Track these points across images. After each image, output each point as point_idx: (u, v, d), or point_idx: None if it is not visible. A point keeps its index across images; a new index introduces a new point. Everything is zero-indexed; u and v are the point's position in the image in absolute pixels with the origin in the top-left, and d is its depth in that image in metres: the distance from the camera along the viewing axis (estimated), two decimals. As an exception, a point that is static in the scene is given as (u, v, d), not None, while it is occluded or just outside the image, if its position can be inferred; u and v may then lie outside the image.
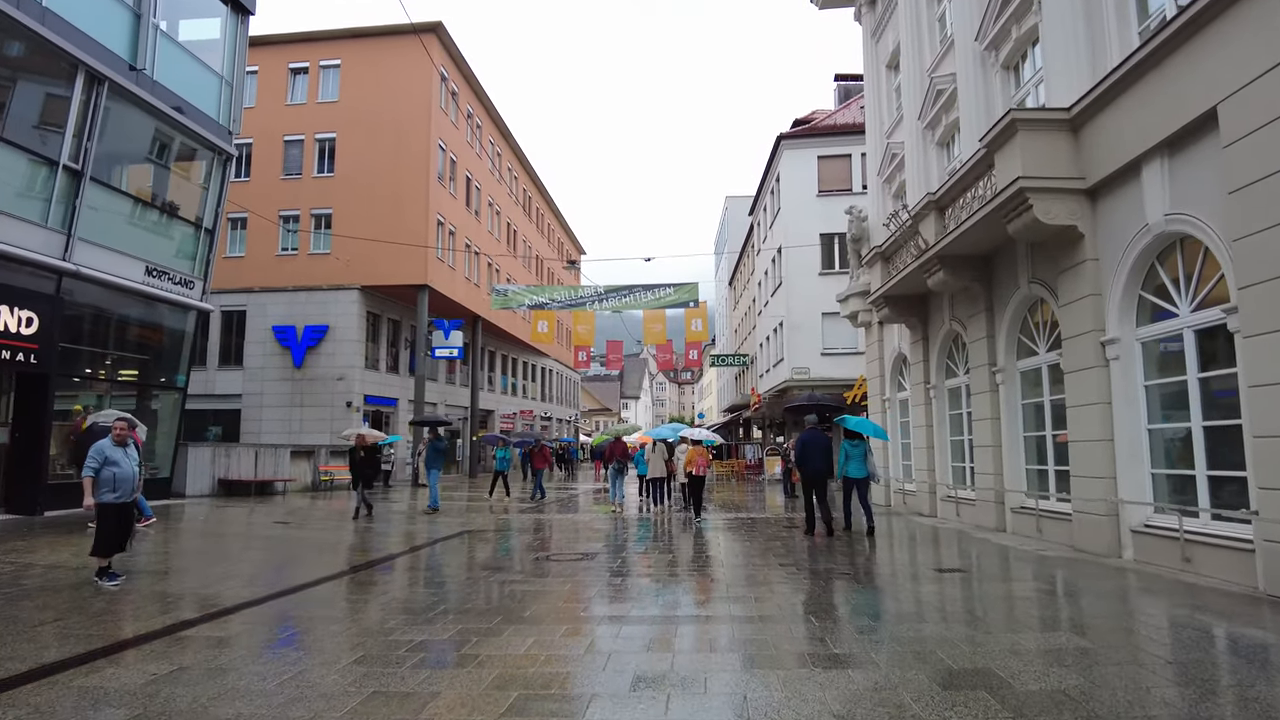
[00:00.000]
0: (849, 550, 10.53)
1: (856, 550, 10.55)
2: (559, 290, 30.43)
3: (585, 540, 11.86)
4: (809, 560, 9.41)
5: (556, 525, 14.17)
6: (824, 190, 29.53)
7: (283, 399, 29.91)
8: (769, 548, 10.74)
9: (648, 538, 12.28)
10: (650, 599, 7.01)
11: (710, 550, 10.59)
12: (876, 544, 11.23)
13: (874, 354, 18.35)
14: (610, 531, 13.10)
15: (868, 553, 10.34)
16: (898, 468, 17.41)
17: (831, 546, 10.81)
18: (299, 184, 31.19)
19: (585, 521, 14.95)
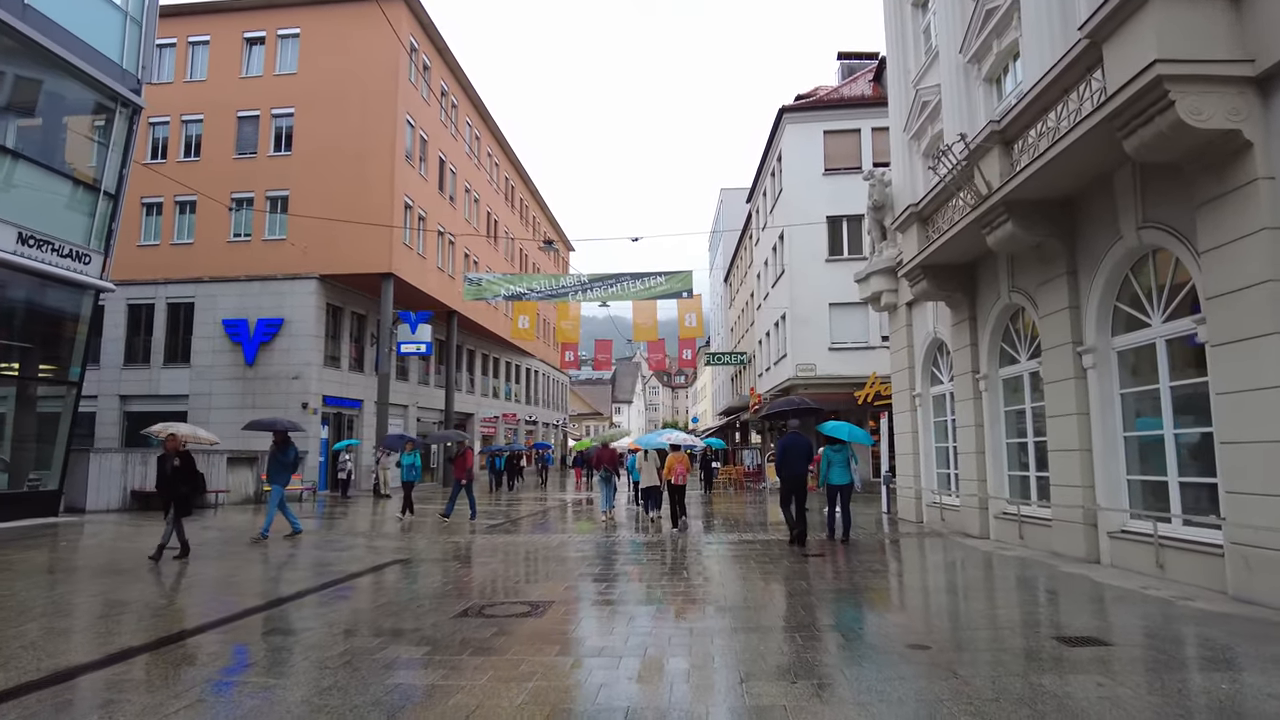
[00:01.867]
0: (907, 593, 7.68)
1: (921, 595, 7.69)
2: (538, 279, 27.57)
3: (543, 577, 8.98)
4: (858, 618, 6.55)
5: (509, 553, 11.27)
6: (831, 168, 26.80)
7: (233, 400, 26.95)
8: (793, 591, 7.84)
9: (626, 573, 9.40)
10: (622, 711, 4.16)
11: (712, 596, 7.71)
12: (943, 590, 8.41)
13: (901, 341, 15.55)
14: (580, 559, 10.23)
15: (943, 605, 7.49)
16: (930, 477, 14.59)
17: (886, 592, 7.95)
18: (253, 164, 28.31)
19: (551, 546, 12.03)
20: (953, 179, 10.06)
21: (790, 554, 10.58)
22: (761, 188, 32.75)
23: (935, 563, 10.05)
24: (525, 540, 12.58)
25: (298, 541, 12.46)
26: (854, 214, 26.25)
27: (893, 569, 9.58)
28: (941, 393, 14.20)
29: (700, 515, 17.45)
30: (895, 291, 15.72)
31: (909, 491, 15.02)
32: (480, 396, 41.55)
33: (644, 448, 16.96)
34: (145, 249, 28.37)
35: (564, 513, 18.97)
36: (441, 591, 7.88)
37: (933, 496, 14.43)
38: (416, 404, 33.83)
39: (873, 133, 26.63)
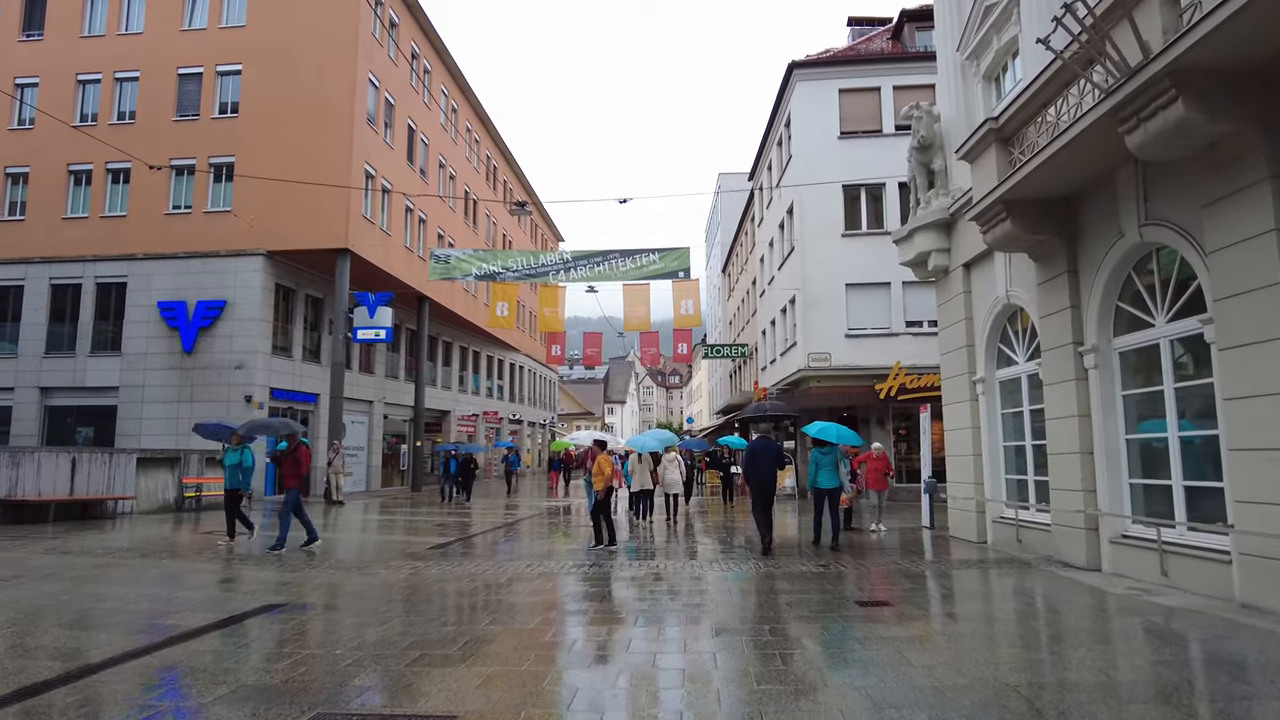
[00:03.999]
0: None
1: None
2: (515, 256, 24.40)
3: (463, 650, 5.75)
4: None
5: (431, 597, 8.08)
6: (847, 131, 23.67)
7: (169, 392, 23.68)
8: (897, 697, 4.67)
9: (599, 640, 6.21)
10: None
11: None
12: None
13: (955, 314, 12.40)
14: (533, 608, 7.03)
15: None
16: (997, 484, 11.44)
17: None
18: (195, 127, 25.04)
19: (498, 584, 8.83)
20: (1081, 51, 6.89)
21: (840, 604, 7.38)
22: (766, 160, 29.60)
23: (1058, 627, 6.87)
24: (462, 573, 9.36)
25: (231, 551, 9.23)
26: (874, 181, 23.19)
27: (1000, 641, 6.40)
28: (1015, 376, 11.05)
29: (695, 531, 14.28)
30: (947, 252, 12.58)
31: (966, 503, 11.88)
32: (458, 393, 38.28)
33: (637, 449, 16.01)
34: (72, 222, 25.08)
35: (531, 528, 15.76)
36: (285, 683, 4.68)
37: (1001, 510, 11.29)
38: (383, 399, 30.57)
39: (894, 91, 23.53)
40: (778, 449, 11.57)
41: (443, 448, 27.35)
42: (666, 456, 16.47)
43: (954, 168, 12.50)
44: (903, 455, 22.98)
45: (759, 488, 11.12)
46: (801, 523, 14.99)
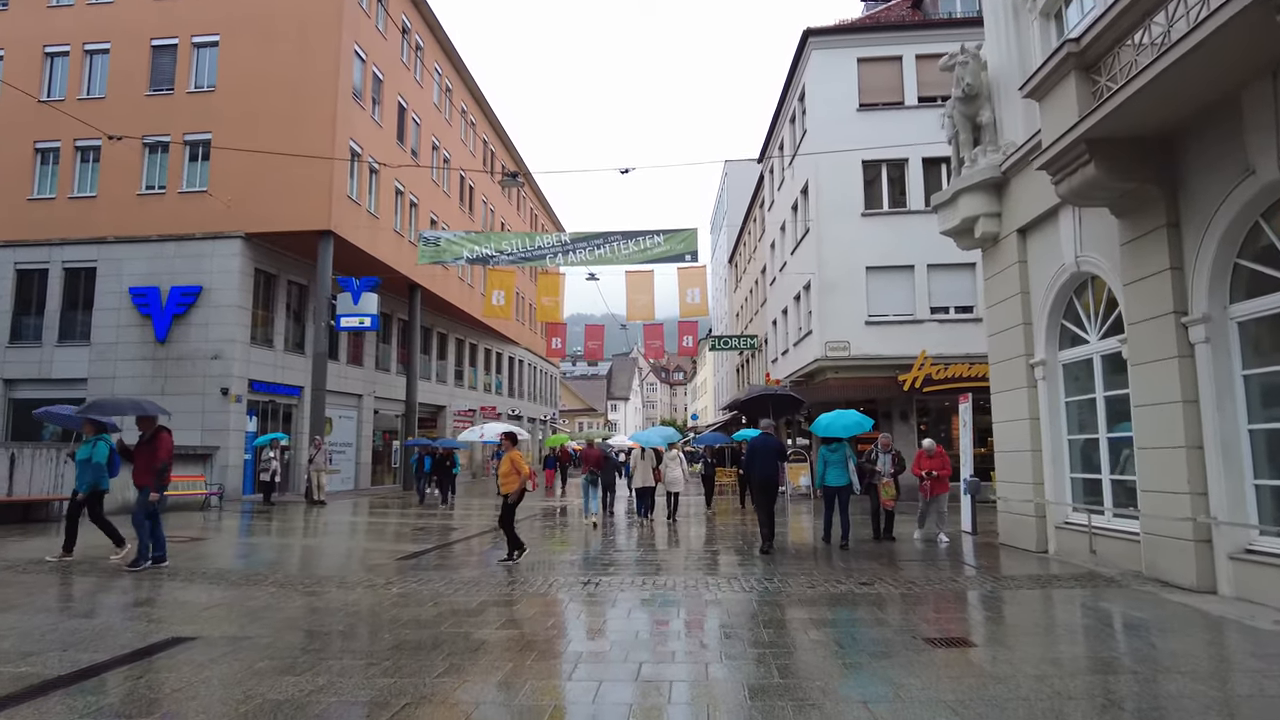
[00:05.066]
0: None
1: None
2: (510, 238, 22.75)
3: (396, 713, 4.14)
4: None
5: (381, 626, 6.48)
6: (867, 104, 21.99)
7: (141, 384, 22.09)
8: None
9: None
10: None
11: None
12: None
13: (1007, 287, 10.75)
14: (505, 650, 5.40)
15: None
16: (1061, 485, 9.78)
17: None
18: (170, 101, 23.45)
19: (466, 611, 7.23)
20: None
21: (902, 643, 5.75)
22: (778, 139, 27.91)
23: (1228, 688, 5.19)
24: (428, 594, 7.76)
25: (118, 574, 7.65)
26: (896, 158, 21.52)
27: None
28: (1084, 357, 9.39)
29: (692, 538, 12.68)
30: (997, 216, 10.92)
31: (1023, 505, 10.23)
32: (454, 387, 36.69)
33: (640, 445, 15.52)
34: (38, 203, 23.53)
35: (522, 534, 14.13)
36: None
37: (1066, 514, 9.64)
38: (373, 393, 28.99)
39: (917, 61, 21.84)
40: (780, 445, 11.41)
41: (415, 443, 25.17)
42: (669, 454, 15.82)
43: (1005, 119, 10.85)
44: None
45: (761, 486, 10.89)
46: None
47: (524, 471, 9.53)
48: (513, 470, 9.55)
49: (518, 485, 9.49)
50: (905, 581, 7.97)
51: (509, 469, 9.58)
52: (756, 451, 11.06)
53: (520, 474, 9.52)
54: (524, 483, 9.56)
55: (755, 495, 11.12)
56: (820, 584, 7.85)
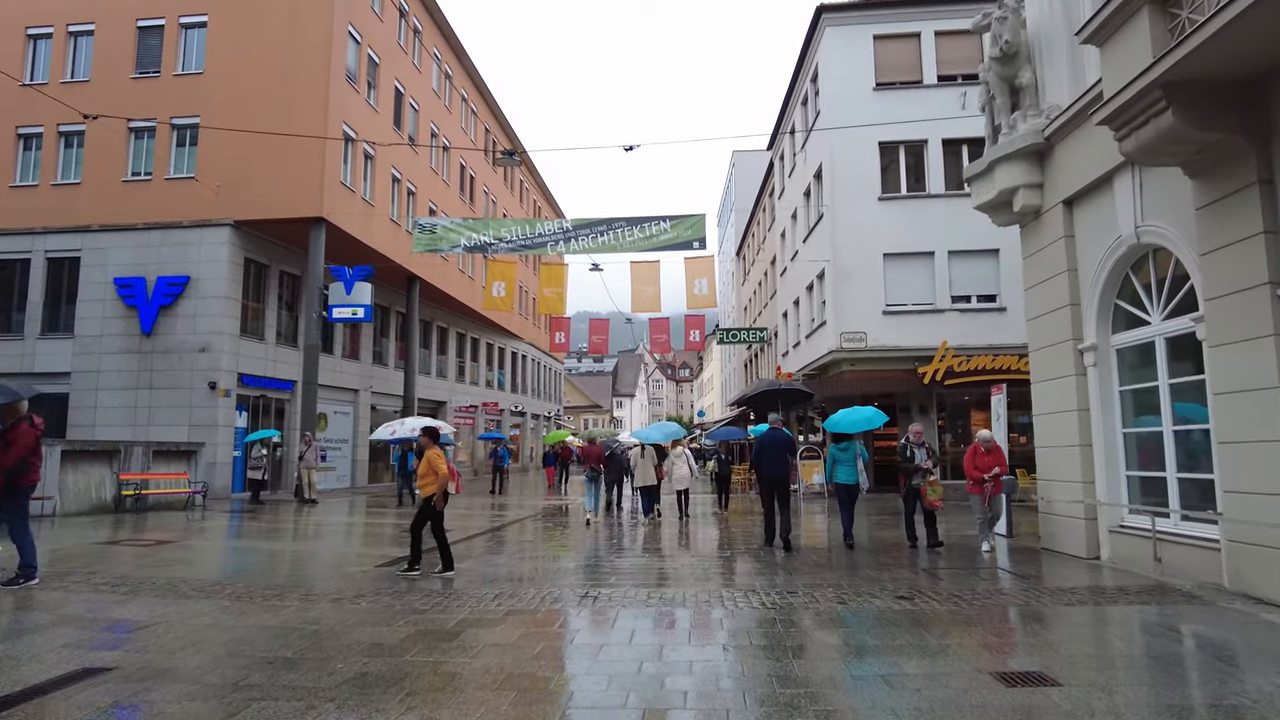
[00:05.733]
0: None
1: None
2: (509, 225, 21.75)
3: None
4: None
5: (324, 656, 5.51)
6: (884, 83, 20.93)
7: (127, 379, 21.28)
8: None
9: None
10: None
11: None
12: None
13: (1051, 265, 9.71)
14: (472, 686, 4.41)
15: None
16: (1115, 484, 8.75)
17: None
18: (156, 84, 22.56)
19: (440, 632, 6.27)
20: None
21: (974, 684, 4.74)
22: (789, 123, 26.83)
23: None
24: (401, 608, 6.82)
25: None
26: (915, 139, 20.43)
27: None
28: (1144, 340, 8.35)
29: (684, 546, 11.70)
30: (1039, 188, 9.87)
31: (1070, 507, 9.20)
32: (454, 382, 35.75)
33: (641, 443, 15.11)
34: (20, 190, 22.69)
35: (518, 537, 13.22)
36: None
37: (1121, 517, 8.61)
38: (370, 388, 28.07)
39: (937, 38, 20.79)
40: (789, 440, 11.00)
41: (394, 440, 22.85)
42: (674, 452, 15.31)
43: (1048, 80, 9.80)
44: (946, 448, 20.25)
45: (770, 483, 10.60)
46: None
47: (441, 472, 8.27)
48: (430, 471, 8.29)
49: (436, 488, 8.27)
50: (949, 595, 6.96)
51: (426, 470, 8.33)
52: (765, 447, 10.74)
53: (438, 475, 8.26)
54: (444, 485, 8.30)
55: (763, 491, 10.84)
56: (851, 598, 6.85)
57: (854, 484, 10.82)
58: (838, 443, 11.14)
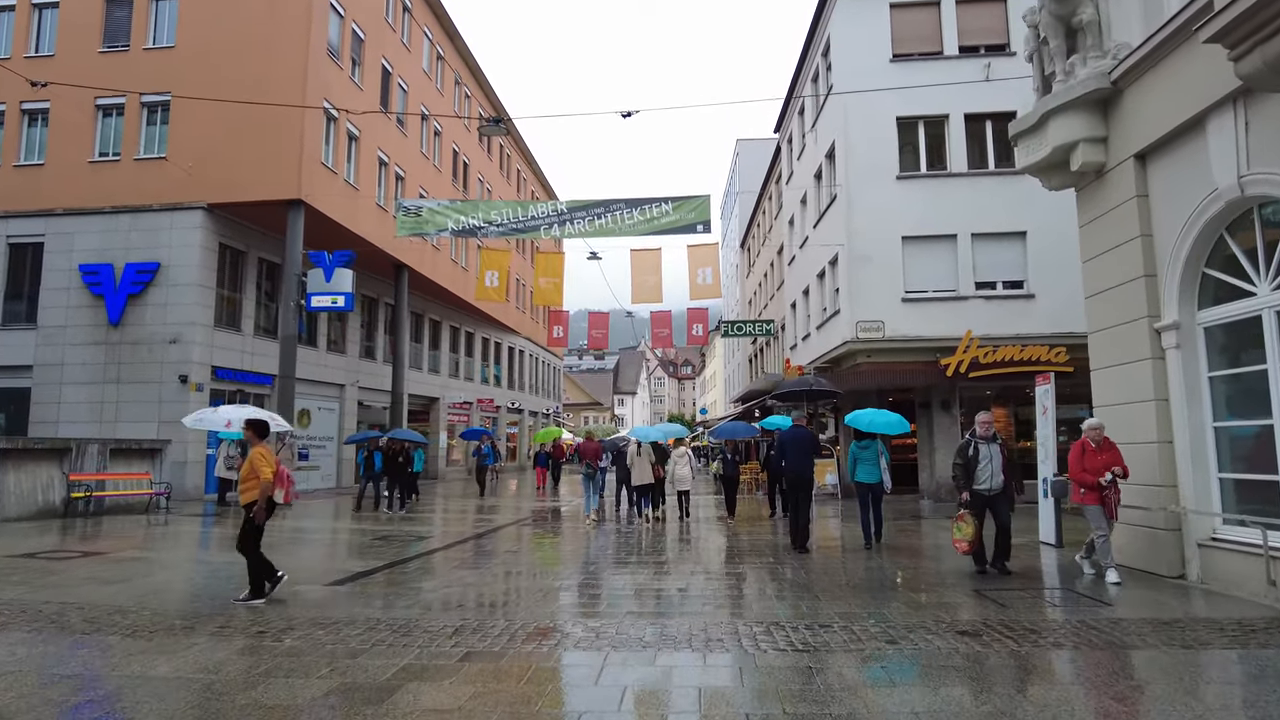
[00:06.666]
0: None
1: None
2: (500, 207, 20.34)
3: None
4: None
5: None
6: (901, 54, 19.47)
7: (93, 372, 19.93)
8: None
9: None
10: None
11: None
12: None
13: (1118, 230, 8.27)
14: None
15: None
16: (1204, 489, 7.34)
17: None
18: (125, 59, 21.18)
19: (373, 681, 4.82)
20: None
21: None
22: (798, 103, 25.37)
23: None
24: (331, 651, 5.44)
25: None
26: (935, 114, 18.99)
27: None
28: (1245, 314, 6.92)
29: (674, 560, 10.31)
30: (1102, 142, 8.44)
31: (1147, 515, 7.77)
32: (448, 377, 34.35)
33: (637, 440, 14.77)
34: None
35: (502, 547, 11.85)
36: None
37: (1214, 527, 7.19)
38: (356, 383, 26.70)
39: (958, 5, 19.34)
40: (812, 437, 10.81)
41: (357, 437, 21.17)
42: (676, 451, 14.84)
43: (1114, 14, 8.37)
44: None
45: (793, 482, 10.34)
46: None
47: (264, 476, 6.68)
48: (251, 474, 6.74)
49: (257, 495, 6.71)
50: (1021, 630, 5.56)
51: (248, 473, 6.78)
52: (788, 444, 10.43)
53: (259, 478, 6.68)
54: (268, 491, 6.71)
55: (786, 493, 10.44)
56: (901, 634, 5.44)
57: (877, 483, 10.46)
58: (859, 440, 10.75)
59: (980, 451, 8.11)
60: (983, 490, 8.05)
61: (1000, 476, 8.04)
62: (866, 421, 10.93)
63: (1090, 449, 7.53)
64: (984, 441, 8.16)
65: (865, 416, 11.13)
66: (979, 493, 8.06)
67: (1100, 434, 7.57)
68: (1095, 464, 7.44)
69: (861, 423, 10.93)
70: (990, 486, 8.02)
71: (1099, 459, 7.45)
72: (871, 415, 11.17)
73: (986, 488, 8.04)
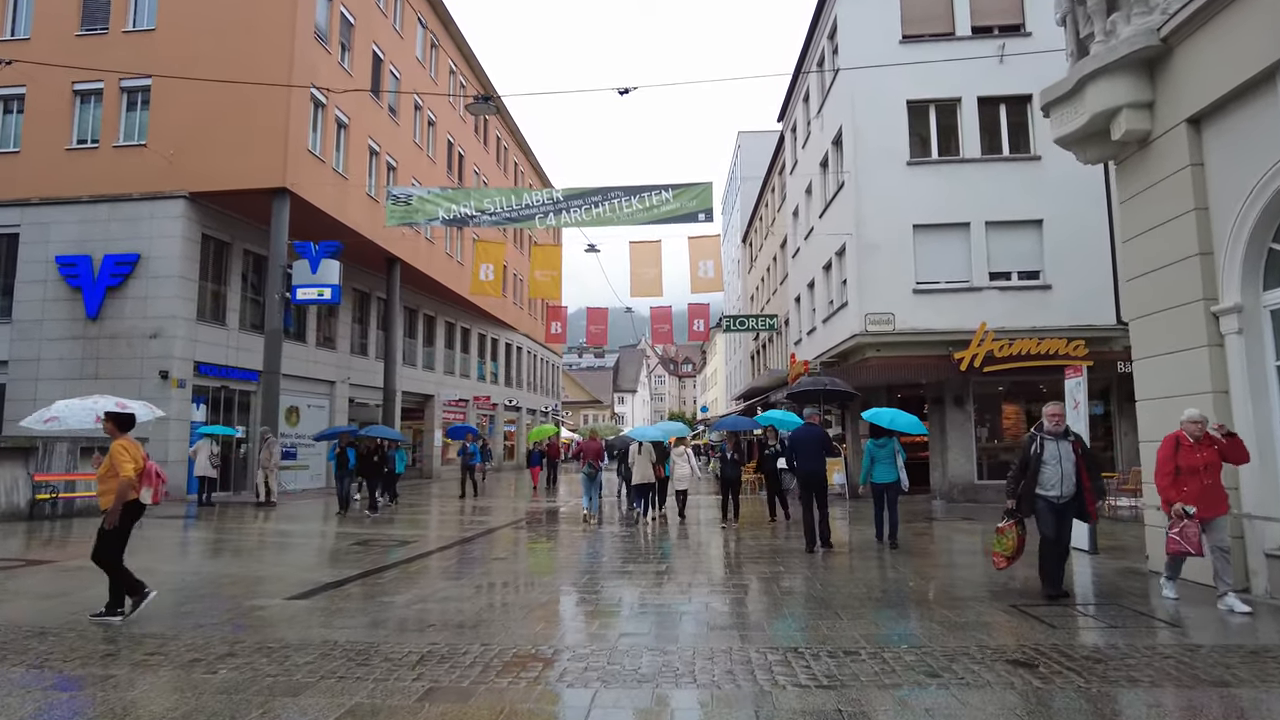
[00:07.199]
0: None
1: None
2: (493, 195, 19.53)
3: None
4: None
5: None
6: (911, 35, 18.65)
7: (70, 367, 19.14)
8: None
9: None
10: None
11: None
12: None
13: (1167, 204, 7.45)
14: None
15: None
16: (1272, 493, 6.53)
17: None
18: (104, 43, 20.35)
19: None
20: None
21: None
22: (802, 90, 24.54)
23: None
24: (266, 680, 4.62)
25: None
26: (947, 97, 18.19)
27: None
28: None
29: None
30: (1148, 108, 7.63)
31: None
32: (443, 374, 33.54)
33: (637, 439, 14.51)
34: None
35: (488, 554, 11.07)
36: None
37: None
38: (348, 380, 25.89)
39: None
40: (824, 435, 10.64)
41: (327, 433, 19.86)
42: (675, 450, 14.53)
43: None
44: (984, 444, 18.06)
45: (806, 481, 10.10)
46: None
47: (124, 472, 5.75)
48: (110, 473, 5.86)
49: (114, 497, 5.81)
50: (1081, 657, 4.76)
51: (106, 470, 5.89)
52: (801, 442, 10.22)
53: (119, 475, 5.77)
54: (125, 492, 5.77)
55: (800, 493, 10.18)
56: (941, 663, 4.64)
57: (894, 482, 10.23)
58: (875, 439, 10.52)
59: (1047, 450, 6.66)
60: (1050, 497, 6.60)
61: (1073, 480, 6.57)
62: (888, 419, 10.71)
63: (1187, 446, 6.19)
64: (1051, 438, 6.70)
65: (887, 414, 10.92)
66: (1047, 500, 6.62)
67: (1201, 427, 6.19)
68: (1192, 462, 6.10)
69: (883, 420, 10.69)
70: (1060, 493, 6.58)
71: (1197, 458, 6.09)
72: (893, 414, 10.98)
73: (1056, 494, 6.59)
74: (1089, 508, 6.70)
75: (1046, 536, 6.65)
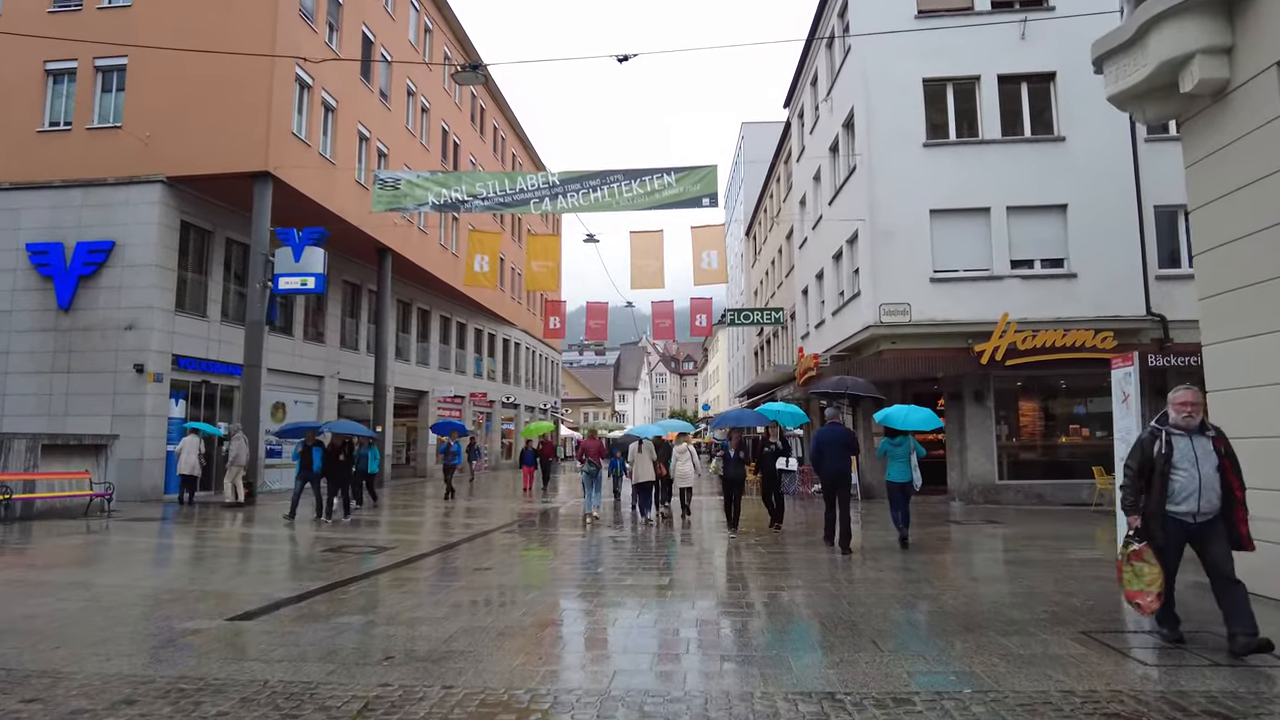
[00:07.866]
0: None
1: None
2: (485, 179, 18.51)
3: None
4: None
5: None
6: (926, 10, 17.62)
7: (41, 361, 18.17)
8: None
9: None
10: None
11: None
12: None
13: (1248, 165, 6.45)
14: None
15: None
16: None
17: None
18: (77, 20, 19.32)
19: None
20: None
21: None
22: (810, 72, 23.49)
23: None
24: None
25: None
26: (965, 75, 17.19)
27: None
28: None
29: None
30: (1225, 53, 6.63)
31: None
32: (438, 370, 32.54)
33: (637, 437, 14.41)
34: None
35: (471, 563, 10.09)
36: None
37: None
38: (337, 375, 24.90)
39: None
40: (848, 435, 10.57)
41: (292, 427, 18.31)
42: (678, 448, 14.10)
43: (1243, -107, 6.55)
44: (1004, 442, 17.06)
45: (830, 482, 10.10)
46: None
47: None
48: None
49: None
50: (1199, 710, 3.77)
51: None
52: (824, 443, 10.11)
53: None
54: None
55: (824, 493, 10.30)
56: (1012, 708, 3.65)
57: (907, 482, 10.04)
58: (890, 437, 10.36)
59: (1176, 450, 4.93)
60: (1182, 515, 4.88)
61: (1215, 491, 4.83)
62: (901, 419, 10.55)
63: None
64: (1181, 434, 4.97)
65: (899, 413, 10.74)
66: (1175, 517, 4.91)
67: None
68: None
69: (895, 420, 10.52)
70: (1196, 509, 4.84)
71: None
72: (906, 412, 10.81)
73: (1188, 510, 4.86)
74: (1240, 528, 4.85)
75: (1167, 568, 4.94)
